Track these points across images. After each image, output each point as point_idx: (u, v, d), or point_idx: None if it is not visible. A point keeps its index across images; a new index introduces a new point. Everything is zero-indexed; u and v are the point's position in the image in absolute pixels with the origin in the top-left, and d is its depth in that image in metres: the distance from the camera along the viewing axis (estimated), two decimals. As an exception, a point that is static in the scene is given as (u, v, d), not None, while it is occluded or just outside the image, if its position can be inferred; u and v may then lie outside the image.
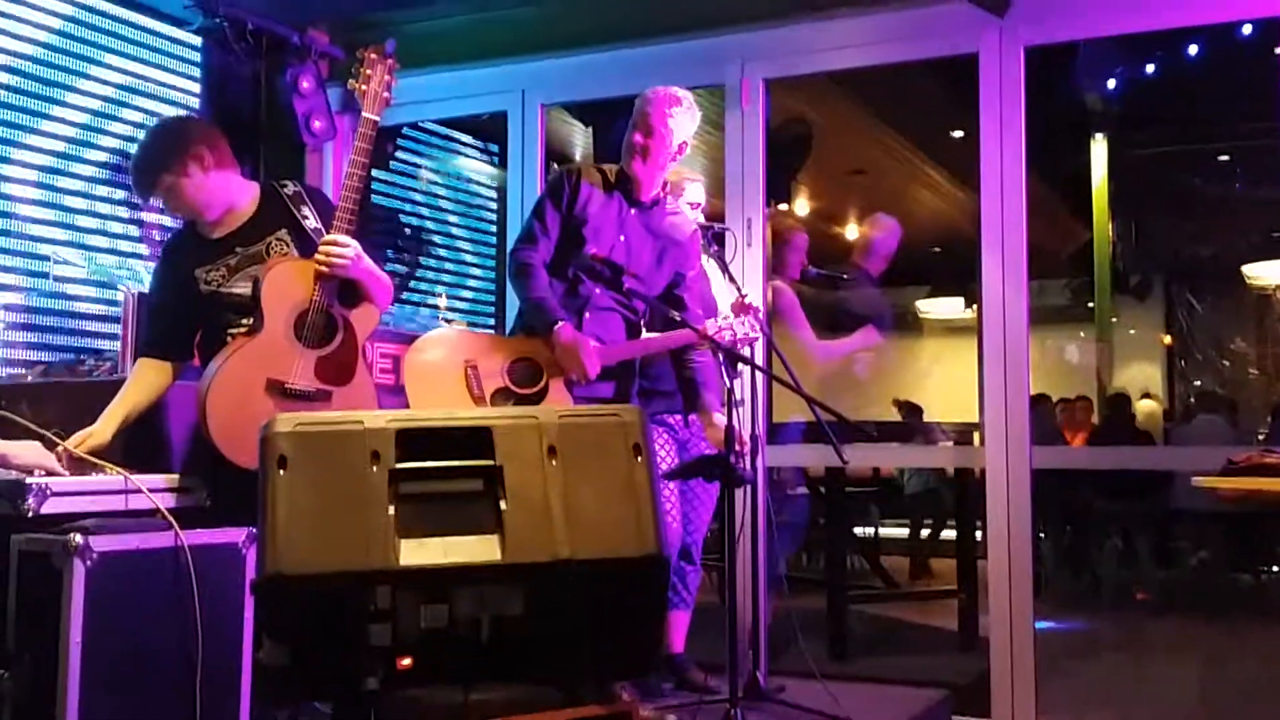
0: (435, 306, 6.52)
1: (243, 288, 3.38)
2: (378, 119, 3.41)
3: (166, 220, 5.32)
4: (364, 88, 3.43)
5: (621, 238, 3.82)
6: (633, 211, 3.86)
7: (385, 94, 3.43)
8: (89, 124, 4.96)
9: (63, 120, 4.85)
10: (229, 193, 3.45)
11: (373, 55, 3.45)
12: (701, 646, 4.39)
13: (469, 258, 7.12)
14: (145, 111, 5.19)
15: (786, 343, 4.92)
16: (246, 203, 3.49)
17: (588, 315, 3.76)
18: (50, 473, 2.93)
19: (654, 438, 3.24)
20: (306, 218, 3.44)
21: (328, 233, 3.36)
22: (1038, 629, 4.50)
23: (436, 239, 6.97)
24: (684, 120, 3.89)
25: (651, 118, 3.84)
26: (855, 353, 5.72)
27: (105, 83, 5.03)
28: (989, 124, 4.65)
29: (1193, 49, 8.08)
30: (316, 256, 3.30)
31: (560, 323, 3.67)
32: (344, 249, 3.29)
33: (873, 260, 6.22)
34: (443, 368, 3.62)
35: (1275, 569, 9.06)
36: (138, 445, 3.46)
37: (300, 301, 3.27)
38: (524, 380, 3.63)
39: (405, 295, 6.60)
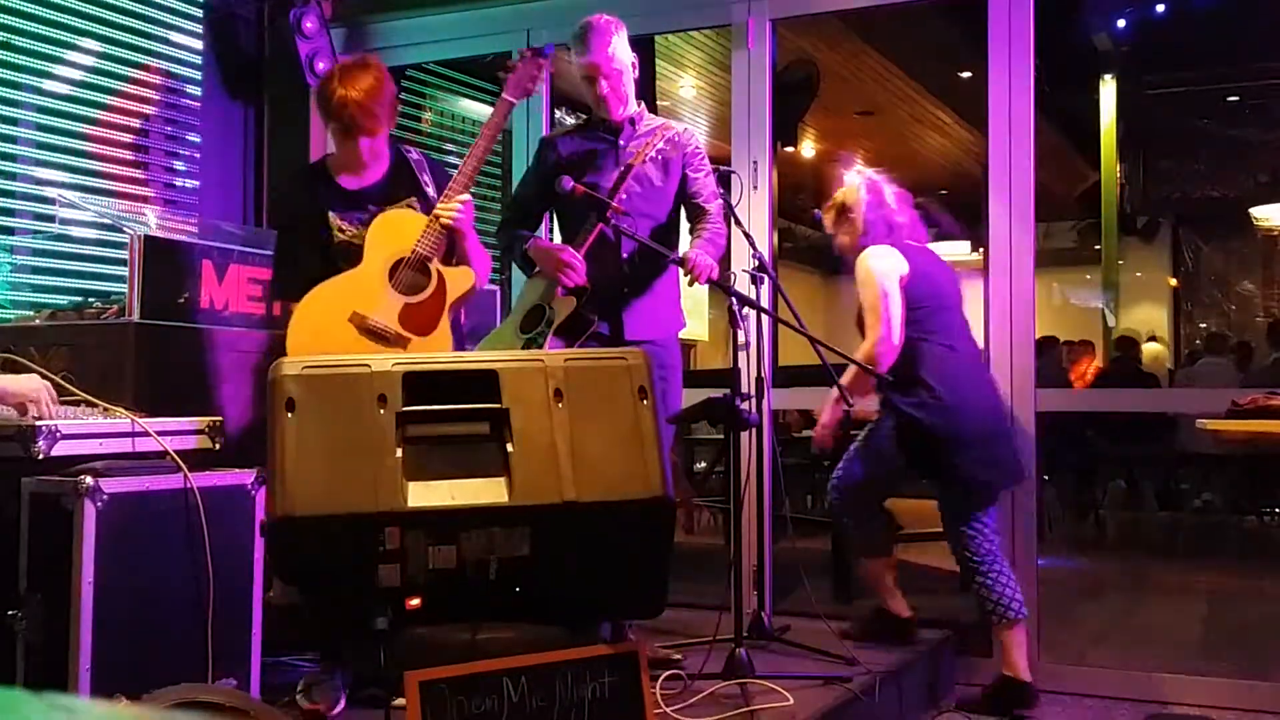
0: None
1: None
2: (514, 102, 3.61)
3: (182, 165, 5.32)
4: (510, 75, 3.63)
5: (620, 167, 3.81)
6: (620, 140, 3.84)
7: (529, 84, 3.64)
8: (91, 65, 4.93)
9: (64, 61, 4.83)
10: (384, 148, 3.56)
11: (529, 53, 3.68)
12: (706, 588, 4.44)
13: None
14: (147, 52, 5.16)
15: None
16: (384, 162, 3.55)
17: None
18: (40, 405, 2.93)
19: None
20: (427, 185, 3.55)
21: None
22: (1040, 566, 4.54)
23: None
24: (623, 45, 3.84)
25: (602, 66, 3.79)
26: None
27: (107, 23, 4.99)
28: (998, 65, 4.62)
29: (1203, -11, 8.01)
30: (438, 208, 3.39)
31: (528, 240, 3.82)
32: (461, 204, 3.40)
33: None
34: None
35: (1279, 511, 9.10)
36: (152, 388, 3.48)
37: (401, 249, 3.35)
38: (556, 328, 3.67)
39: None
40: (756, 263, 4.02)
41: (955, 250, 15.52)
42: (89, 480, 2.72)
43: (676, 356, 3.95)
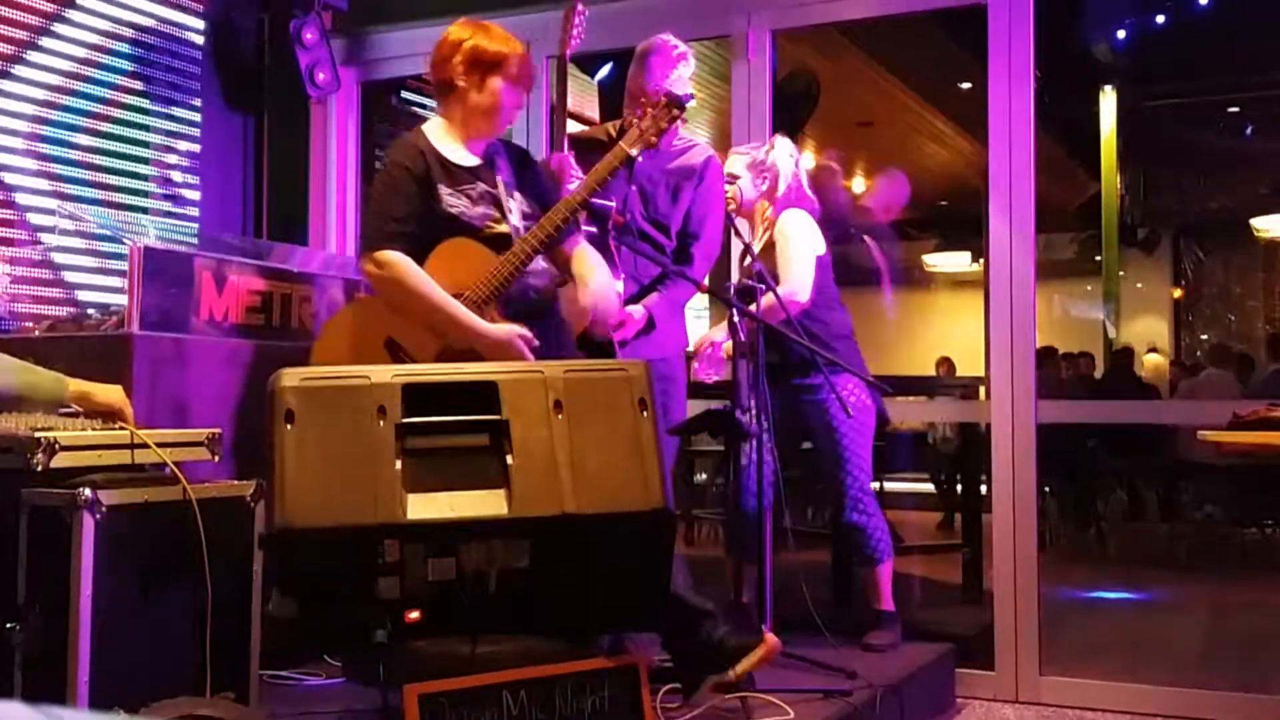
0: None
1: (480, 221, 3.24)
2: (631, 153, 3.32)
3: (181, 176, 5.32)
4: (635, 121, 3.38)
5: (632, 186, 3.81)
6: (639, 159, 3.84)
7: (652, 137, 3.35)
8: (92, 77, 4.93)
9: (65, 74, 4.83)
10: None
11: (664, 98, 3.39)
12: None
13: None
14: (150, 63, 5.16)
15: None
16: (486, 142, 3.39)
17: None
18: (128, 418, 2.96)
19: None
20: (510, 213, 3.29)
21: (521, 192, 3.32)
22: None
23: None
24: (684, 76, 3.86)
25: (651, 90, 3.80)
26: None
27: (108, 35, 5.00)
28: (998, 75, 4.62)
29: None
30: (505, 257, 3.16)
31: None
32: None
33: (883, 211, 6.24)
34: None
35: (1280, 523, 9.08)
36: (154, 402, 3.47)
37: (459, 284, 3.15)
38: None
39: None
40: (756, 272, 4.02)
41: (956, 262, 15.55)
42: (88, 492, 2.71)
43: (680, 370, 3.95)
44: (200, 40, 5.43)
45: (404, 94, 6.57)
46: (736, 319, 3.66)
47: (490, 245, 3.20)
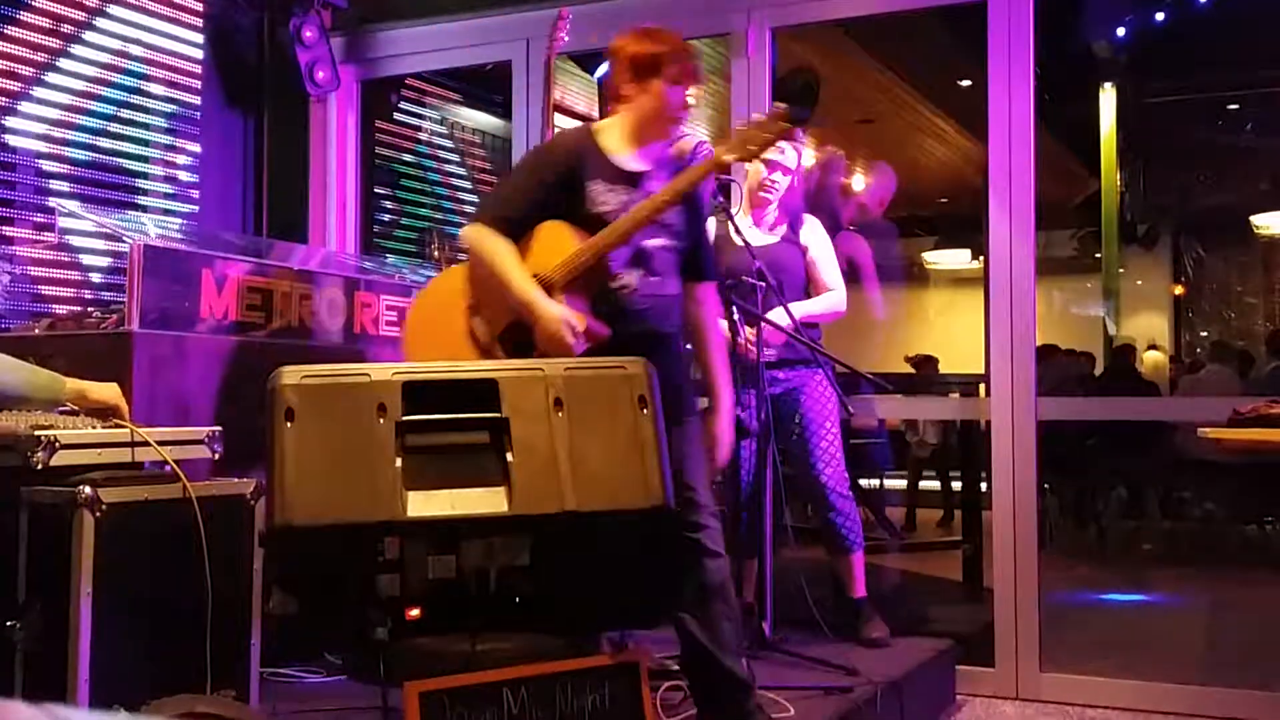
0: (435, 258, 6.51)
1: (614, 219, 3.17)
2: (724, 162, 3.20)
3: (182, 174, 5.31)
4: (740, 129, 3.26)
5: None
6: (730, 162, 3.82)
7: (754, 146, 3.18)
8: (91, 75, 4.93)
9: (65, 71, 4.83)
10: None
11: (781, 110, 3.23)
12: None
13: (470, 209, 7.10)
14: (147, 62, 5.16)
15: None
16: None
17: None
18: (123, 413, 2.95)
19: None
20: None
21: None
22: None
23: (439, 190, 6.95)
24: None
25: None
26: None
27: (107, 33, 4.99)
28: (998, 73, 4.62)
29: (1203, -4, 8.02)
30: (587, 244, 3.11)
31: None
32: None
33: (876, 205, 6.26)
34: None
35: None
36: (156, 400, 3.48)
37: (539, 265, 3.12)
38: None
39: (400, 245, 6.59)
40: (757, 270, 4.02)
41: (955, 259, 15.54)
42: (88, 490, 2.71)
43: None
44: (200, 39, 5.43)
45: (404, 91, 6.57)
46: (736, 317, 3.65)
47: None
